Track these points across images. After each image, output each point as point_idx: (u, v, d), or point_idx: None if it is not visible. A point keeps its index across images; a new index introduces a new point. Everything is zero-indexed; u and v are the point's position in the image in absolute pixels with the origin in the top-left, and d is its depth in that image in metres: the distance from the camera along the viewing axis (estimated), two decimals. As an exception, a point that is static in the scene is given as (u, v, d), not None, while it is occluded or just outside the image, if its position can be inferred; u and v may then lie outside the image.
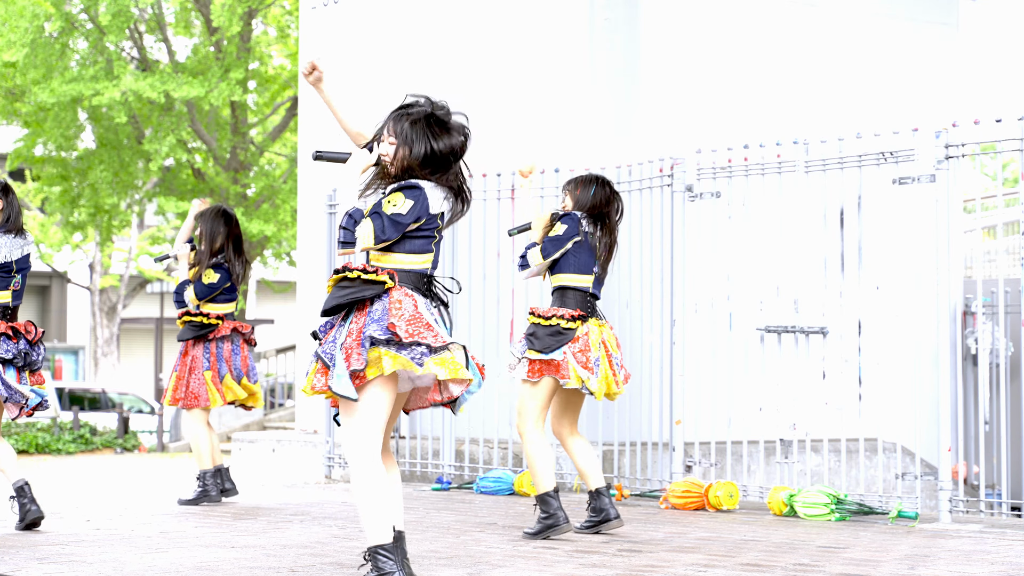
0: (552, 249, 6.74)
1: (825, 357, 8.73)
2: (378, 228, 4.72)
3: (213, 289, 8.32)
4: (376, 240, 4.72)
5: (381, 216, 4.73)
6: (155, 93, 20.13)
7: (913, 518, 7.37)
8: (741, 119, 10.81)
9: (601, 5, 10.63)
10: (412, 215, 4.75)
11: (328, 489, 9.51)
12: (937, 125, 8.05)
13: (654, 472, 9.08)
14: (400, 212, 4.74)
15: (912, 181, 7.75)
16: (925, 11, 11.97)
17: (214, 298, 8.36)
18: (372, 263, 4.81)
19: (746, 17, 11.16)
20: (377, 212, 4.74)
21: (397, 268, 4.78)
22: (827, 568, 5.62)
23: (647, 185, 9.08)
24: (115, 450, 20.78)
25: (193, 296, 8.33)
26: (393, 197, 4.77)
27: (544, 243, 6.75)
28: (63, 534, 6.61)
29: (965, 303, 11.53)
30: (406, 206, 4.75)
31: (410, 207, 4.75)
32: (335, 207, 10.70)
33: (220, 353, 8.35)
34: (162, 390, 31.80)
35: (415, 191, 4.78)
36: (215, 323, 8.34)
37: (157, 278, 32.75)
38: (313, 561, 5.68)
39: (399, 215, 4.73)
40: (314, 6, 12.93)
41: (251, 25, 22.78)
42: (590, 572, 5.44)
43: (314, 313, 12.20)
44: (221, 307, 8.40)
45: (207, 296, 8.33)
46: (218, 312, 8.38)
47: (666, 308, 8.88)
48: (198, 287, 8.33)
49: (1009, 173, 27.00)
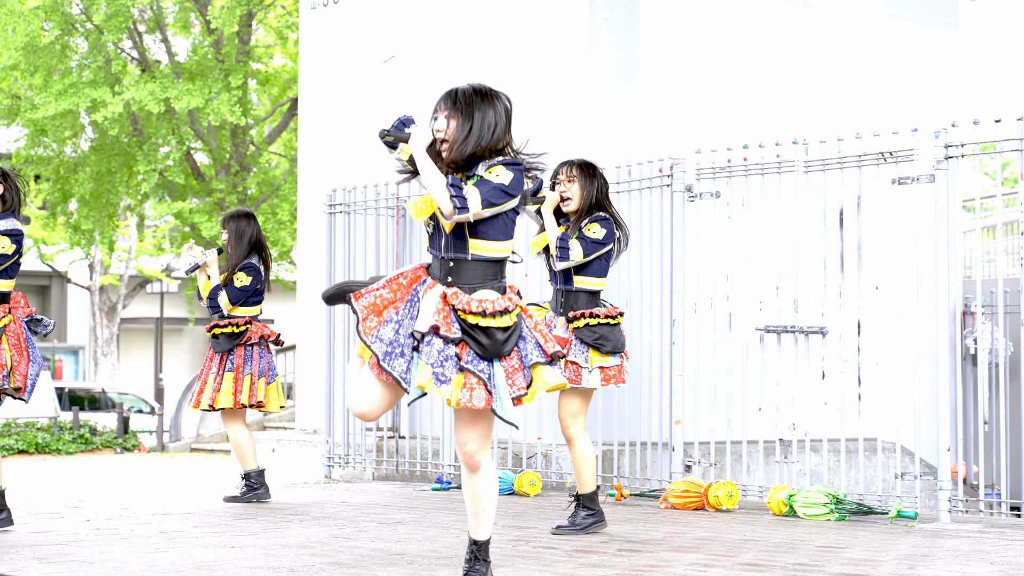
0: (592, 250, 6.68)
1: (824, 357, 8.73)
2: (485, 192, 4.58)
3: (246, 292, 8.33)
4: (484, 204, 4.56)
5: (487, 183, 4.61)
6: (156, 104, 20.12)
7: (912, 518, 7.37)
8: (741, 119, 10.81)
9: (601, 5, 10.64)
10: (515, 187, 4.64)
11: (328, 489, 9.52)
12: (937, 125, 8.05)
13: (654, 472, 9.08)
14: (504, 183, 4.62)
15: (912, 181, 7.76)
16: (925, 11, 11.97)
17: (245, 302, 8.37)
18: (475, 252, 4.64)
19: (746, 17, 11.16)
20: (483, 180, 4.62)
21: (498, 257, 4.67)
22: (826, 568, 5.63)
23: (647, 185, 9.09)
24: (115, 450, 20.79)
25: (227, 301, 8.31)
26: (495, 168, 4.65)
27: (586, 242, 6.67)
28: (63, 534, 6.61)
29: (964, 303, 11.54)
30: (508, 177, 4.63)
31: (512, 179, 4.64)
32: (335, 207, 10.71)
33: (248, 356, 8.39)
34: (162, 390, 31.90)
35: (515, 165, 4.67)
36: (244, 329, 8.34)
37: (157, 278, 32.75)
38: (313, 561, 5.69)
39: (503, 185, 4.61)
40: (314, 6, 12.93)
41: (251, 27, 22.79)
42: (590, 572, 5.45)
43: (314, 313, 12.21)
44: (249, 310, 8.41)
45: (240, 299, 8.32)
46: (246, 316, 8.39)
47: (665, 308, 8.88)
48: (231, 291, 8.32)
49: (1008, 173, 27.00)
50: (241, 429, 8.39)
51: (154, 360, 34.47)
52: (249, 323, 8.36)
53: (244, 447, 8.35)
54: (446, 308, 4.61)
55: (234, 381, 8.30)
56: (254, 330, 8.39)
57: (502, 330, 4.59)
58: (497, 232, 4.67)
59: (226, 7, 20.65)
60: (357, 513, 7.76)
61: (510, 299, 4.64)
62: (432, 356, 4.57)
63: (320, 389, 11.08)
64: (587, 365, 6.67)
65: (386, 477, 10.29)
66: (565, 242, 6.66)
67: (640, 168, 9.17)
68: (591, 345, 6.69)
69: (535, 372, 4.64)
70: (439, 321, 4.57)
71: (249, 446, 8.37)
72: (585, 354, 6.68)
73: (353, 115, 12.24)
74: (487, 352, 4.57)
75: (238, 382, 8.31)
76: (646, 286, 9.18)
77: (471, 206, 4.57)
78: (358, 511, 7.87)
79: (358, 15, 12.38)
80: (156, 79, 20.98)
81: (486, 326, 4.58)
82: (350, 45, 12.42)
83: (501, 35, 11.09)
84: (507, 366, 4.60)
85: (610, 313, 6.71)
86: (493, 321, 4.58)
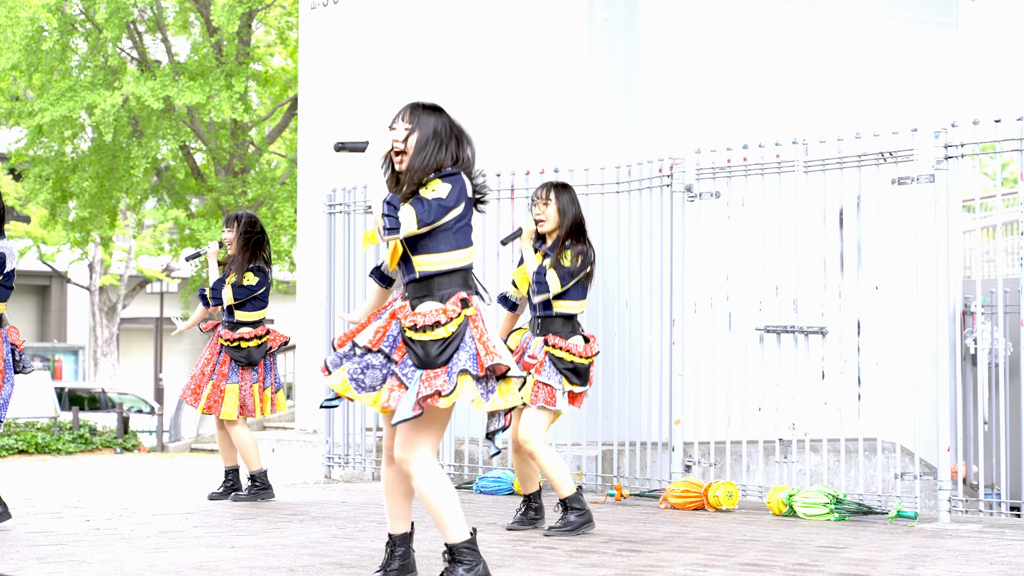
0: (567, 281, 6.75)
1: (824, 357, 8.73)
2: (420, 211, 4.59)
3: (251, 291, 8.35)
4: (419, 224, 4.58)
5: (422, 200, 4.62)
6: (155, 100, 20.13)
7: (912, 518, 7.37)
8: (741, 119, 10.81)
9: (601, 5, 10.64)
10: (453, 198, 4.64)
11: (328, 489, 9.52)
12: (936, 125, 8.05)
13: (653, 472, 9.08)
14: (441, 196, 4.63)
15: (911, 181, 7.76)
16: (925, 11, 11.98)
17: (247, 303, 8.38)
18: (420, 269, 4.70)
19: (746, 17, 11.16)
20: (418, 198, 4.63)
21: (447, 268, 4.70)
22: (826, 568, 5.63)
23: (647, 185, 9.09)
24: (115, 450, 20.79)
25: (231, 295, 8.34)
26: (432, 184, 4.66)
27: (563, 271, 6.72)
28: (63, 534, 6.61)
29: (964, 303, 11.54)
30: (445, 190, 4.65)
31: (450, 190, 4.65)
32: (335, 207, 10.71)
33: (268, 364, 8.48)
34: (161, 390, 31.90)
35: (453, 176, 4.69)
36: (265, 339, 8.42)
37: (157, 278, 32.75)
38: (313, 561, 5.69)
39: (440, 199, 4.63)
40: (314, 6, 12.93)
41: (251, 26, 22.79)
42: (589, 572, 5.45)
43: (314, 314, 12.22)
44: (259, 313, 8.43)
45: (244, 298, 8.34)
46: (250, 319, 8.42)
47: (665, 308, 8.88)
48: (235, 288, 8.34)
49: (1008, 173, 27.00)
50: (245, 430, 8.43)
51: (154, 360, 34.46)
52: (268, 332, 8.44)
53: (250, 448, 8.39)
54: (390, 322, 4.72)
55: (260, 391, 8.40)
56: (273, 338, 8.50)
57: (436, 342, 4.63)
58: (443, 244, 4.70)
59: (227, 6, 20.65)
60: (357, 513, 7.76)
61: (446, 311, 4.64)
62: (353, 365, 4.71)
63: (320, 389, 11.08)
64: (560, 387, 6.76)
65: (386, 477, 10.28)
66: (542, 276, 6.75)
67: (640, 168, 9.17)
68: (563, 374, 6.78)
69: (460, 379, 4.62)
70: (372, 340, 4.69)
71: (255, 447, 8.42)
72: (558, 377, 6.76)
73: (353, 115, 12.25)
74: (420, 363, 4.63)
75: (263, 392, 8.43)
76: (646, 286, 9.18)
77: (404, 228, 4.60)
78: (358, 511, 7.87)
79: (358, 15, 12.38)
80: (156, 77, 20.99)
81: (418, 339, 4.63)
82: (350, 45, 12.42)
83: (501, 35, 11.09)
84: (430, 371, 4.62)
85: (586, 354, 6.80)
86: (424, 335, 4.62)
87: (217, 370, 8.37)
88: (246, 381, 8.37)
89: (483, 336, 4.69)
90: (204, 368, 8.43)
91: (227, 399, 8.32)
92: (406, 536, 4.95)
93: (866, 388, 8.54)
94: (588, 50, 10.63)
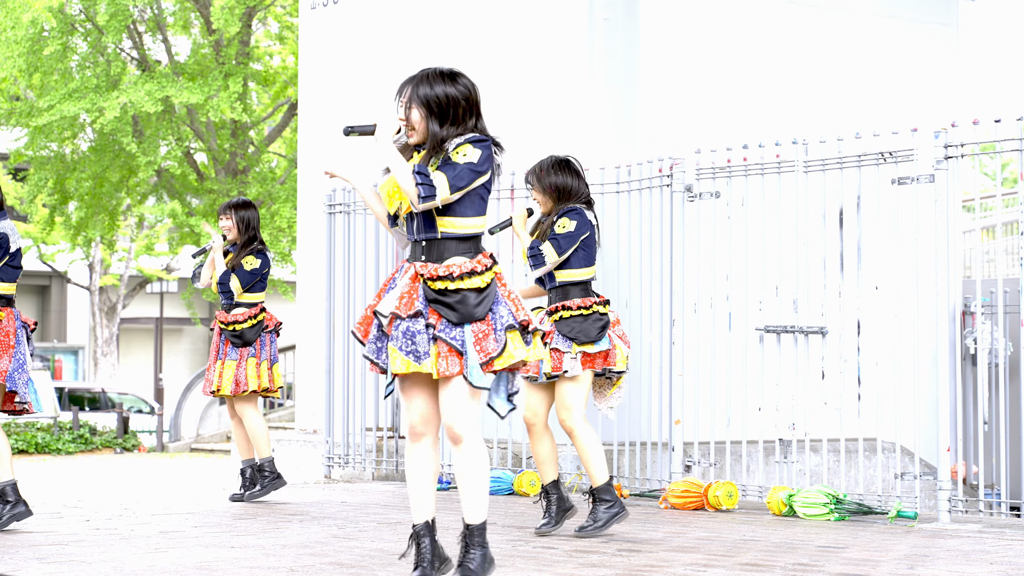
0: (567, 245, 6.62)
1: (824, 357, 8.73)
2: (452, 176, 4.57)
3: (256, 275, 8.41)
4: (452, 189, 4.56)
5: (454, 166, 4.59)
6: (154, 104, 20.12)
7: (912, 518, 7.37)
8: (741, 119, 10.81)
9: (600, 5, 10.64)
10: (484, 163, 4.62)
11: (328, 489, 9.52)
12: (936, 125, 8.05)
13: (653, 472, 9.08)
14: (472, 161, 4.61)
15: (911, 181, 7.76)
16: (925, 11, 11.97)
17: (253, 286, 8.44)
18: (443, 230, 4.63)
19: (746, 17, 11.16)
20: (449, 163, 4.60)
21: (464, 234, 4.65)
22: (826, 568, 5.63)
23: (646, 185, 9.09)
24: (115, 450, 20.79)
25: (239, 285, 8.38)
26: (462, 148, 4.63)
27: (558, 240, 6.61)
28: (63, 534, 6.61)
29: (964, 303, 11.54)
30: (477, 154, 4.63)
31: (480, 155, 4.63)
32: (335, 207, 10.71)
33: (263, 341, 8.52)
34: (161, 390, 31.89)
35: (483, 141, 4.66)
36: (261, 318, 8.47)
37: (157, 277, 32.74)
38: (313, 561, 5.69)
39: (472, 164, 4.60)
40: (314, 6, 12.93)
41: (251, 27, 22.78)
42: (589, 572, 5.45)
43: (314, 314, 12.21)
44: (258, 295, 8.50)
45: (251, 282, 8.39)
46: (258, 303, 8.49)
47: (665, 308, 8.88)
48: (241, 274, 8.39)
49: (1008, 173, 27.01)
50: (258, 416, 8.47)
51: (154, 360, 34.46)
52: (263, 310, 8.48)
53: (261, 433, 8.42)
54: (414, 285, 4.61)
55: (256, 367, 8.41)
56: (269, 316, 8.56)
57: (474, 292, 4.58)
58: (467, 209, 4.66)
59: (227, 7, 20.65)
60: (357, 513, 7.76)
61: (480, 262, 4.61)
62: (399, 339, 4.59)
63: (320, 389, 11.08)
64: (569, 351, 6.57)
65: (386, 477, 10.29)
66: (536, 249, 6.64)
67: (640, 168, 9.17)
68: (570, 338, 6.62)
69: (509, 336, 4.59)
70: (399, 306, 4.58)
71: (266, 433, 8.47)
72: (567, 341, 6.59)
73: (353, 115, 12.24)
74: (460, 316, 4.55)
75: (259, 367, 8.44)
76: (646, 286, 9.18)
77: (439, 193, 4.57)
78: (358, 511, 7.87)
79: (358, 15, 12.38)
80: (154, 78, 20.98)
81: (455, 288, 4.56)
82: (350, 45, 12.42)
83: (501, 35, 11.09)
84: (477, 331, 4.57)
85: (583, 304, 6.61)
86: (462, 283, 4.57)
87: (221, 351, 8.45)
88: (242, 357, 8.41)
89: (511, 295, 4.67)
90: (211, 355, 8.55)
91: (224, 375, 8.37)
92: (432, 524, 4.77)
93: (866, 388, 8.54)
94: (588, 50, 10.63)
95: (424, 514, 4.75)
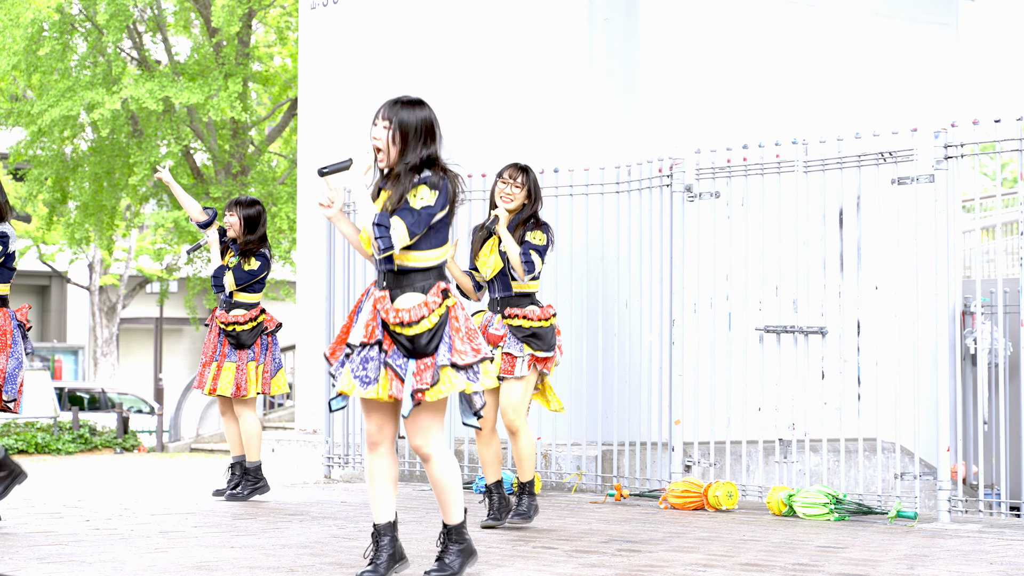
0: (544, 257, 6.96)
1: (824, 357, 8.73)
2: (410, 223, 4.76)
3: (253, 276, 8.42)
4: (411, 236, 4.76)
5: (411, 212, 4.77)
6: (154, 102, 20.12)
7: (912, 518, 7.37)
8: (741, 119, 10.81)
9: (600, 5, 10.64)
10: (439, 204, 4.80)
11: (328, 489, 9.52)
12: (936, 125, 8.05)
13: (653, 472, 9.08)
14: (429, 204, 4.78)
15: (911, 181, 7.76)
16: (925, 11, 11.97)
17: (250, 286, 8.45)
18: (400, 263, 4.84)
19: (746, 17, 11.16)
20: (406, 209, 4.77)
21: (424, 266, 4.85)
22: (826, 568, 5.63)
23: (646, 185, 9.09)
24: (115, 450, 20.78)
25: (232, 281, 8.40)
26: (419, 190, 4.80)
27: (538, 251, 6.90)
28: (63, 534, 6.61)
29: (964, 303, 11.54)
30: (432, 196, 4.80)
31: (437, 196, 4.81)
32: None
33: (265, 344, 8.53)
34: (161, 390, 31.90)
35: (437, 181, 4.82)
36: (261, 320, 8.50)
37: (157, 277, 32.73)
38: (313, 561, 5.69)
39: (429, 207, 4.78)
40: (313, 6, 12.93)
41: (251, 27, 22.78)
42: (589, 572, 5.45)
43: (313, 314, 12.22)
44: (255, 296, 8.51)
45: (246, 282, 8.40)
46: (257, 304, 8.50)
47: (665, 308, 8.88)
48: (238, 272, 8.40)
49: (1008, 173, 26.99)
50: (255, 418, 8.50)
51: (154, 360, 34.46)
52: (263, 311, 8.49)
53: (255, 438, 8.47)
54: (375, 314, 4.85)
55: (256, 370, 8.42)
56: (269, 318, 8.58)
57: (424, 334, 4.78)
58: (425, 243, 4.86)
59: (227, 7, 20.64)
60: (357, 513, 7.76)
61: (427, 304, 4.80)
62: (355, 362, 4.85)
63: (320, 389, 11.08)
64: (521, 354, 6.88)
65: (386, 477, 10.28)
66: (529, 256, 6.88)
67: (640, 168, 9.17)
68: (524, 341, 6.92)
69: (443, 373, 4.80)
70: (365, 334, 4.82)
71: (259, 438, 8.51)
72: (519, 345, 6.90)
73: (353, 115, 12.24)
74: (410, 352, 4.80)
75: (259, 370, 8.46)
76: (646, 286, 9.18)
77: (397, 244, 4.77)
78: (358, 511, 7.87)
79: (358, 15, 12.38)
80: (155, 78, 20.98)
81: (407, 335, 4.79)
82: (350, 45, 12.42)
83: (501, 35, 11.09)
84: (420, 363, 4.79)
85: (543, 315, 6.95)
86: (410, 330, 4.78)
87: (219, 351, 8.44)
88: (242, 360, 8.43)
89: (461, 329, 4.85)
90: (206, 352, 8.53)
91: (223, 377, 8.39)
92: (392, 524, 5.01)
93: (866, 388, 8.54)
94: (588, 50, 10.63)
95: (384, 515, 5.00)
